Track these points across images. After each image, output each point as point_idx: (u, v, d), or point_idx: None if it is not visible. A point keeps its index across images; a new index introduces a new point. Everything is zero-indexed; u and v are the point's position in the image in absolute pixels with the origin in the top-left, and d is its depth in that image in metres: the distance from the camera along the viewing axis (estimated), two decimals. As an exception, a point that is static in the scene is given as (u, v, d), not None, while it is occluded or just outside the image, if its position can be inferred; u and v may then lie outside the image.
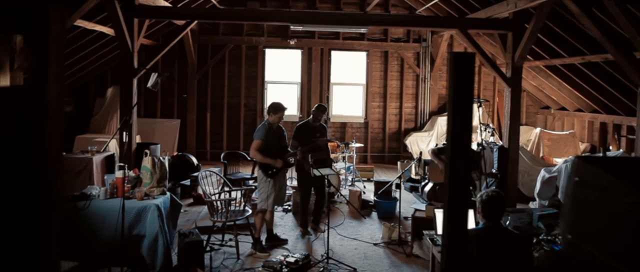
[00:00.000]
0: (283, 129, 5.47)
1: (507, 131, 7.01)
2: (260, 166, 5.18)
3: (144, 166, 4.63)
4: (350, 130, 11.15)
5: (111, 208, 4.26)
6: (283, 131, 5.45)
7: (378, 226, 6.30)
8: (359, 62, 11.20)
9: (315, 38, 10.83)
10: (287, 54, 11.13)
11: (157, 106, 10.84)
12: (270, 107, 5.26)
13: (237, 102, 10.96)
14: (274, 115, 5.22)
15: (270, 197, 5.20)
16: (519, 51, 6.68)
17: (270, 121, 5.26)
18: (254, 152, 5.12)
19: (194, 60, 10.65)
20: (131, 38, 6.78)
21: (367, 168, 9.46)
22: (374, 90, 11.16)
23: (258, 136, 5.16)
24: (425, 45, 10.92)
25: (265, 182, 5.18)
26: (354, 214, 6.78)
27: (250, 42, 10.80)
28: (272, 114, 5.22)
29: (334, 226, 6.12)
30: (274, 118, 5.23)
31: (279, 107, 5.24)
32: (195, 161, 8.45)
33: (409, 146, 10.70)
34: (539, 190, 6.77)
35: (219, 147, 10.94)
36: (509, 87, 6.91)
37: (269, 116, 5.27)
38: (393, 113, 11.25)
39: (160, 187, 4.65)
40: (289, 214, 6.74)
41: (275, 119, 5.23)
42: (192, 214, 6.66)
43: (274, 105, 5.25)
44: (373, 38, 10.97)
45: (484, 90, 11.25)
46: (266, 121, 5.29)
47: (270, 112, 5.24)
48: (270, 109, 5.26)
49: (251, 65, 10.94)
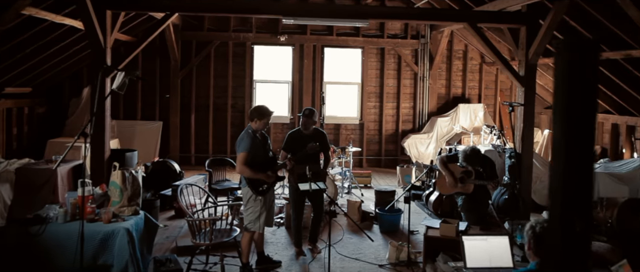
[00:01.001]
0: (267, 136, 4.76)
1: (519, 135, 6.41)
2: (249, 183, 4.46)
3: (113, 181, 3.93)
4: (344, 132, 10.50)
5: (72, 233, 3.55)
6: (267, 138, 4.74)
7: (382, 242, 5.66)
8: (354, 59, 10.55)
9: (307, 34, 10.15)
10: (277, 51, 10.44)
11: (137, 107, 10.08)
12: (255, 112, 4.51)
13: (224, 102, 10.24)
14: (258, 122, 4.48)
15: (260, 217, 4.50)
16: (534, 47, 6.09)
17: (254, 128, 4.52)
18: (241, 168, 4.40)
19: (177, 58, 9.91)
20: (103, 32, 6.03)
21: (364, 174, 8.82)
22: (370, 90, 10.52)
23: (243, 148, 4.41)
24: (423, 42, 10.31)
25: (255, 200, 4.48)
26: (353, 228, 6.13)
27: (237, 39, 10.09)
28: (257, 119, 4.48)
29: (333, 242, 5.46)
30: (259, 124, 4.49)
31: (264, 111, 4.50)
32: (177, 167, 7.73)
33: (407, 149, 10.09)
34: (556, 199, 6.18)
35: (204, 151, 10.22)
36: (523, 87, 6.31)
37: (252, 122, 4.52)
38: (390, 114, 10.63)
39: (131, 206, 3.95)
40: (281, 229, 6.07)
41: (260, 125, 4.50)
42: (172, 230, 5.95)
43: (258, 110, 4.51)
44: (369, 34, 10.32)
45: (485, 89, 10.68)
46: (249, 128, 4.54)
47: (254, 118, 4.50)
48: (254, 113, 4.51)
49: (239, 63, 10.22)
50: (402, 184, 8.68)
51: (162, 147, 9.90)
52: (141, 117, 10.11)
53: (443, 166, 5.36)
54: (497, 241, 3.45)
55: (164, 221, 6.34)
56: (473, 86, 10.70)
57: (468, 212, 5.08)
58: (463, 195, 5.23)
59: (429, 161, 8.14)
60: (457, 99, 10.60)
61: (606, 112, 8.51)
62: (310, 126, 5.02)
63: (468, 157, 5.11)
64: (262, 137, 4.62)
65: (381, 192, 6.55)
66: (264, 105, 4.58)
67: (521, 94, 6.37)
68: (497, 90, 10.68)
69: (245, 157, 4.38)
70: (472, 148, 5.19)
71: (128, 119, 10.03)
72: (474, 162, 5.11)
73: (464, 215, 5.15)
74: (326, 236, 5.69)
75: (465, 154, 5.14)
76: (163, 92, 10.10)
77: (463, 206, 5.14)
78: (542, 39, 5.98)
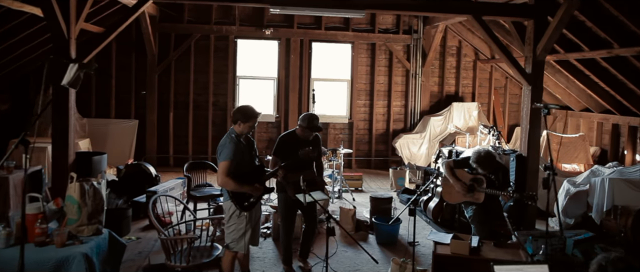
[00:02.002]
0: (252, 141, 4.13)
1: (525, 137, 5.95)
2: (233, 197, 3.85)
3: (69, 195, 3.30)
4: (332, 131, 9.96)
5: (14, 260, 2.91)
6: (253, 143, 4.12)
7: (380, 256, 5.13)
8: (343, 55, 10.00)
9: (294, 28, 9.55)
10: (262, 46, 9.82)
11: (111, 105, 9.35)
12: (238, 114, 3.87)
13: (205, 100, 9.58)
14: (243, 124, 3.85)
15: (245, 236, 3.90)
16: (543, 43, 5.63)
17: (238, 132, 3.90)
18: (224, 180, 3.75)
19: (154, 52, 9.21)
20: (66, 21, 5.36)
21: (355, 176, 8.29)
22: (360, 87, 9.99)
23: (226, 156, 3.77)
24: (416, 38, 9.82)
25: (238, 217, 3.87)
26: (348, 239, 5.59)
27: (219, 32, 9.43)
28: (241, 122, 3.85)
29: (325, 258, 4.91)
30: (243, 128, 3.87)
31: (249, 113, 3.87)
32: (153, 171, 7.07)
33: (398, 149, 9.60)
34: (565, 206, 5.75)
35: (183, 151, 9.55)
36: (529, 85, 5.85)
37: (235, 125, 3.90)
38: (380, 112, 10.11)
39: (92, 224, 3.33)
40: (268, 241, 5.49)
41: (244, 128, 3.87)
42: (146, 244, 5.32)
43: (243, 111, 3.88)
44: (359, 28, 9.78)
45: (479, 88, 10.25)
46: (232, 132, 3.91)
47: (237, 120, 3.87)
48: (237, 115, 3.87)
49: (221, 58, 9.57)
50: (396, 187, 8.18)
51: (138, 148, 9.20)
52: (115, 115, 9.39)
53: (450, 171, 4.84)
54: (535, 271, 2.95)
55: (137, 232, 5.70)
56: (467, 84, 10.26)
57: (480, 225, 4.58)
58: (473, 205, 4.72)
59: (431, 165, 7.63)
60: (450, 97, 10.15)
61: (607, 112, 8.15)
62: (308, 137, 4.42)
63: (481, 161, 4.55)
64: (247, 142, 4.01)
65: (377, 198, 6.02)
66: (249, 106, 3.95)
67: (527, 93, 5.91)
68: (491, 89, 10.26)
69: (228, 166, 3.76)
70: (486, 151, 4.62)
71: (101, 117, 9.30)
72: (486, 167, 4.57)
73: (474, 228, 4.65)
74: (318, 250, 5.16)
75: (479, 156, 4.58)
76: (139, 89, 9.40)
77: (474, 218, 4.63)
78: (552, 34, 5.52)
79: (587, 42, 6.51)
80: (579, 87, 8.15)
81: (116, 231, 5.39)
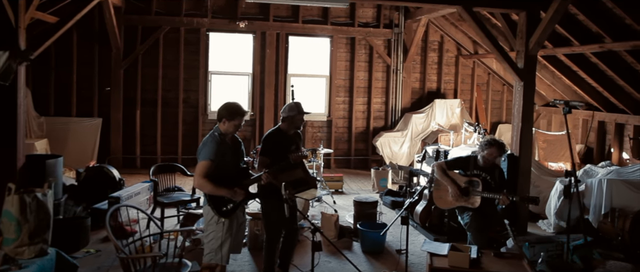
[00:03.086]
0: (240, 141, 3.72)
1: (517, 136, 5.65)
2: (210, 200, 3.41)
3: (6, 210, 2.75)
4: (310, 130, 9.51)
5: None
6: (240, 144, 3.70)
7: (367, 266, 4.72)
8: (322, 50, 9.55)
9: (269, 20, 9.05)
10: (236, 39, 9.27)
11: (72, 102, 8.64)
12: (224, 111, 3.48)
13: (175, 97, 8.97)
14: (228, 122, 3.46)
15: (224, 245, 3.45)
16: (536, 36, 5.33)
17: (222, 131, 3.50)
18: (200, 181, 3.35)
19: (119, 46, 8.55)
20: (15, 9, 4.76)
21: (335, 177, 7.87)
22: (339, 83, 9.57)
23: (206, 155, 3.38)
24: (397, 32, 9.45)
25: (217, 224, 3.43)
26: (330, 248, 5.16)
27: (190, 24, 8.84)
28: (226, 120, 3.45)
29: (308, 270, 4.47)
30: (229, 126, 3.47)
31: (236, 110, 3.48)
32: (117, 174, 6.47)
33: (379, 148, 9.24)
34: (559, 208, 5.48)
35: (151, 152, 8.93)
36: (521, 81, 5.55)
37: (220, 124, 3.50)
38: (360, 110, 9.72)
39: (35, 244, 2.80)
40: (244, 252, 5.00)
41: (229, 127, 3.48)
42: (107, 257, 4.75)
43: (229, 108, 3.48)
44: (338, 22, 9.35)
45: (461, 84, 9.98)
46: (216, 131, 3.52)
47: (222, 118, 3.47)
48: (222, 113, 3.48)
49: (192, 52, 8.97)
50: (378, 188, 7.80)
51: (102, 148, 8.55)
52: (76, 114, 8.68)
53: (442, 173, 4.47)
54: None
55: (96, 243, 5.13)
56: (449, 80, 9.98)
57: (478, 232, 4.22)
58: (469, 211, 4.36)
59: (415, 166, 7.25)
60: (432, 94, 9.84)
61: (593, 109, 7.98)
62: (298, 125, 4.02)
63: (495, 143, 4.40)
64: (233, 142, 3.60)
65: (361, 203, 5.60)
66: (236, 103, 3.55)
67: (519, 89, 5.61)
68: (473, 85, 10.01)
69: (206, 167, 3.36)
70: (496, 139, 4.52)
71: (61, 115, 8.58)
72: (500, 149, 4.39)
73: (471, 236, 4.28)
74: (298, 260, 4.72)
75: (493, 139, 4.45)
76: (103, 85, 8.73)
77: (471, 224, 4.27)
78: (546, 26, 5.22)
79: (578, 36, 6.26)
80: (565, 83, 7.95)
81: (73, 243, 4.85)
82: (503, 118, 10.12)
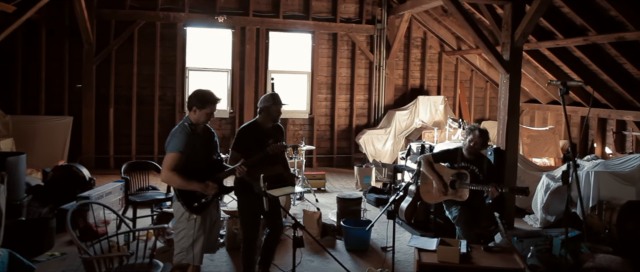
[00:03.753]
0: (213, 132, 3.47)
1: (503, 129, 5.52)
2: (180, 195, 3.16)
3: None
4: (292, 127, 9.27)
5: None
6: (213, 135, 3.45)
7: (351, 264, 4.51)
8: (303, 46, 9.33)
9: (249, 15, 8.80)
10: (215, 35, 8.99)
11: (40, 99, 8.23)
12: (194, 99, 3.24)
13: (150, 94, 8.64)
14: (199, 111, 3.22)
15: (196, 244, 3.19)
16: (522, 27, 5.21)
17: (193, 120, 3.25)
18: (168, 174, 3.11)
19: (91, 41, 8.19)
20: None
21: (317, 175, 7.64)
22: (321, 80, 9.36)
23: (175, 146, 3.14)
24: (380, 28, 9.30)
25: (188, 220, 3.17)
26: (313, 246, 4.94)
27: (166, 19, 8.52)
28: (197, 108, 3.22)
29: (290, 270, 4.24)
30: (200, 115, 3.24)
31: (208, 97, 3.24)
32: (87, 174, 6.12)
33: (362, 146, 9.05)
34: (546, 203, 5.36)
35: (126, 151, 8.57)
36: (507, 73, 5.43)
37: (191, 112, 3.25)
38: (343, 107, 9.53)
39: (-18, 244, 2.47)
40: (221, 251, 4.74)
41: (201, 116, 3.24)
42: (72, 261, 4.43)
43: (200, 96, 3.24)
44: (319, 17, 9.15)
45: (444, 81, 9.88)
46: (187, 120, 3.27)
47: (193, 106, 3.23)
48: (193, 101, 3.24)
49: (168, 47, 8.65)
50: (361, 186, 7.60)
51: (73, 148, 8.17)
52: (45, 112, 8.28)
53: (429, 167, 4.30)
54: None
55: (62, 246, 4.80)
56: (432, 77, 9.87)
57: (467, 226, 4.04)
58: (457, 204, 4.19)
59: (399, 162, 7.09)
60: (415, 90, 9.72)
61: (575, 104, 7.95)
62: (275, 118, 3.77)
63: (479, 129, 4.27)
64: (206, 133, 3.35)
65: (345, 199, 5.39)
66: (207, 90, 3.30)
67: (505, 82, 5.48)
68: (456, 82, 9.92)
69: (174, 159, 3.11)
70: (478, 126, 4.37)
71: (28, 113, 8.16)
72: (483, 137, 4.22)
73: (460, 230, 4.11)
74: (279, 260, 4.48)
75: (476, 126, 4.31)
76: (74, 82, 8.35)
77: (459, 218, 4.09)
78: (531, 18, 5.11)
79: (563, 29, 6.19)
80: (548, 79, 7.90)
81: (36, 245, 4.51)
82: (486, 115, 10.06)
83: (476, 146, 4.24)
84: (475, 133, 4.24)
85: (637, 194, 4.90)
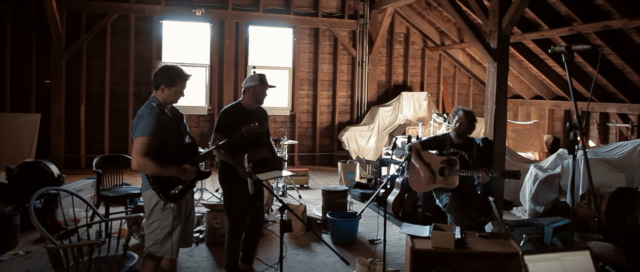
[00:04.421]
0: (182, 113, 3.12)
1: (491, 119, 5.41)
2: (155, 183, 2.85)
3: None
4: (273, 125, 9.02)
5: None
6: (182, 116, 3.10)
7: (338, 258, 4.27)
8: (284, 41, 9.12)
9: (228, 8, 8.54)
10: (192, 28, 8.69)
11: (5, 96, 7.78)
12: (161, 75, 2.88)
13: (124, 90, 8.27)
14: (168, 90, 2.88)
15: (173, 234, 2.90)
16: (510, 14, 5.11)
17: (161, 100, 2.91)
18: (141, 160, 2.75)
19: (60, 34, 7.79)
20: None
21: (300, 172, 7.41)
22: (302, 76, 9.15)
23: (144, 130, 2.78)
24: (362, 23, 9.16)
25: (163, 210, 2.88)
26: (298, 240, 4.71)
27: (141, 11, 8.19)
28: (165, 86, 2.87)
29: (275, 263, 4.00)
30: (169, 94, 2.89)
31: (177, 73, 2.90)
32: (55, 170, 5.73)
33: (345, 143, 8.87)
34: (534, 193, 5.25)
35: (98, 150, 8.14)
36: (495, 62, 5.32)
37: (158, 91, 2.90)
38: (325, 104, 9.34)
39: None
40: (201, 247, 4.46)
41: (170, 95, 2.90)
42: (38, 259, 4.09)
43: (168, 72, 2.89)
44: (301, 12, 8.95)
45: (428, 77, 9.80)
46: (154, 101, 2.90)
47: (160, 84, 2.88)
48: (160, 77, 2.88)
49: (143, 41, 8.31)
50: (345, 182, 7.41)
51: (42, 147, 7.74)
52: (11, 109, 7.83)
53: (417, 155, 4.12)
54: (575, 260, 2.24)
55: (27, 245, 4.45)
56: (415, 73, 9.78)
57: (458, 212, 3.87)
58: (447, 191, 4.02)
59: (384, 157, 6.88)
60: (399, 87, 9.60)
61: (558, 99, 7.94)
62: (260, 100, 3.54)
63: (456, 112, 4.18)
64: (174, 114, 3.01)
65: (330, 192, 5.17)
66: (176, 66, 2.95)
67: (493, 71, 5.37)
68: (439, 78, 9.85)
69: (146, 144, 2.76)
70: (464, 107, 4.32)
71: (-7, 110, 7.72)
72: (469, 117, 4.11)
73: (452, 218, 3.93)
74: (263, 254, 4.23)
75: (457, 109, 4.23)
76: (42, 77, 7.92)
77: (450, 206, 3.92)
78: (518, 6, 5.01)
79: (548, 19, 6.14)
80: (531, 73, 7.88)
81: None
82: (486, 102, 9.99)
83: (462, 126, 4.12)
84: (460, 113, 4.15)
85: (626, 181, 4.83)
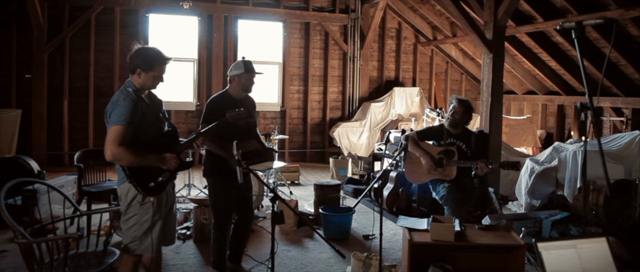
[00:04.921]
0: (160, 100, 2.89)
1: (486, 112, 5.29)
2: (133, 175, 2.61)
3: None
4: (263, 121, 8.84)
5: None
6: (160, 103, 2.87)
7: (332, 254, 4.12)
8: (274, 35, 8.94)
9: (217, 2, 8.34)
10: (180, 22, 8.47)
11: (-16, 91, 7.50)
12: (138, 58, 2.63)
13: (109, 85, 8.02)
14: (145, 74, 2.63)
15: (153, 230, 2.69)
16: (505, 5, 5.01)
17: (137, 85, 2.65)
18: (116, 150, 2.51)
19: (42, 27, 7.53)
20: None
21: (291, 168, 7.23)
22: (293, 71, 8.98)
23: (119, 117, 2.53)
24: (354, 17, 9.02)
25: (142, 204, 2.66)
26: (289, 237, 4.54)
27: (127, 4, 7.95)
28: (142, 71, 2.62)
29: (266, 259, 3.82)
30: (146, 79, 2.64)
31: (155, 57, 2.66)
32: (35, 166, 5.49)
33: (337, 139, 8.71)
34: (531, 186, 5.14)
35: (82, 147, 7.76)
36: (490, 53, 5.20)
37: (134, 76, 2.65)
38: (316, 99, 9.17)
39: None
40: (188, 244, 4.26)
41: (147, 80, 2.65)
42: (14, 258, 3.87)
43: (144, 55, 2.64)
44: (291, 5, 8.78)
45: (420, 72, 9.68)
46: (130, 86, 2.65)
47: (136, 69, 2.63)
48: (138, 61, 2.62)
49: (129, 35, 8.07)
50: (338, 178, 7.24)
51: (23, 143, 7.45)
52: (-10, 104, 7.54)
53: (415, 145, 3.98)
54: (592, 248, 2.11)
55: (3, 243, 4.22)
56: (407, 69, 9.66)
57: (457, 204, 3.74)
58: (445, 183, 3.88)
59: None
60: (390, 82, 9.47)
61: (551, 94, 7.87)
62: (248, 88, 3.37)
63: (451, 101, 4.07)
64: (152, 100, 2.78)
65: (323, 186, 5.01)
66: (154, 48, 2.71)
67: (488, 62, 5.26)
68: (431, 74, 9.75)
69: (121, 132, 2.51)
70: None
71: (-29, 106, 7.42)
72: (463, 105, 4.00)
73: (449, 210, 3.79)
74: (253, 251, 4.06)
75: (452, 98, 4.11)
76: (22, 72, 7.65)
77: (448, 197, 3.78)
78: (515, -6, 4.91)
79: (543, 11, 6.04)
80: (525, 67, 7.80)
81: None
82: (481, 94, 9.91)
83: (456, 115, 4.00)
84: (454, 102, 4.04)
85: (625, 172, 4.73)
